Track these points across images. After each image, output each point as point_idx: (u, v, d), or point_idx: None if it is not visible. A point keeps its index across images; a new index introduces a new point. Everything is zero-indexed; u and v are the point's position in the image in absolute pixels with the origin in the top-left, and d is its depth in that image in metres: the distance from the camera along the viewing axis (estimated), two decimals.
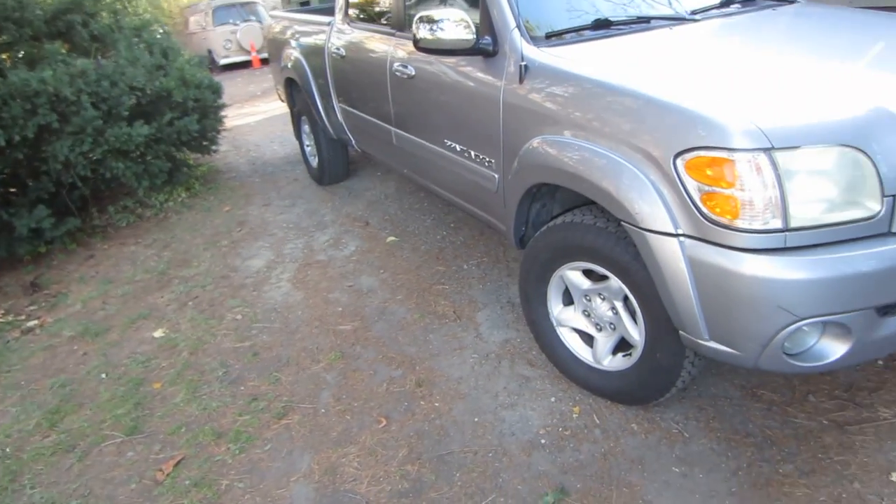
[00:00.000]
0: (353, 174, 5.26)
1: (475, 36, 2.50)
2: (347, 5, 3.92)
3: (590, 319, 2.40)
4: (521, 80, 2.38)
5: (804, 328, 1.73)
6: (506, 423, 2.41)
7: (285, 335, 3.18)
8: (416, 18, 2.61)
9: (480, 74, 2.61)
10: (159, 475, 2.37)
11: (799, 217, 1.69)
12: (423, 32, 2.58)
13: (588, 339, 2.46)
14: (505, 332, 2.96)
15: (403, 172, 3.65)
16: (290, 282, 3.71)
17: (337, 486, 2.23)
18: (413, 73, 3.08)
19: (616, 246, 2.10)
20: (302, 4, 12.93)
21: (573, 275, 2.35)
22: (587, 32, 2.49)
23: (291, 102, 5.24)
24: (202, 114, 4.80)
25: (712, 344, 1.86)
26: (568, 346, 2.50)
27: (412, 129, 3.26)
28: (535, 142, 2.31)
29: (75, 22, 4.20)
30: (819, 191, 1.70)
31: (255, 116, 8.47)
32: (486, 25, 2.54)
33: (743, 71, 2.08)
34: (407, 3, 3.27)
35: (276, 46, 5.26)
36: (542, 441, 2.29)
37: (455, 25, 2.51)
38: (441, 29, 2.55)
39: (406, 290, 3.45)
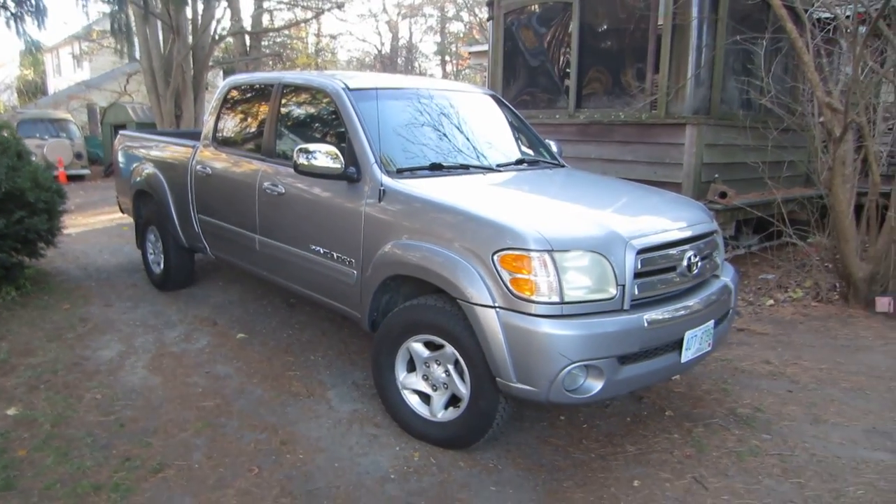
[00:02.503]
0: (195, 283, 5.63)
1: (343, 166, 3.34)
2: (216, 131, 4.59)
3: (428, 382, 3.14)
4: (379, 200, 3.23)
5: (574, 371, 2.64)
6: (361, 465, 2.98)
7: (149, 410, 3.47)
8: (297, 149, 3.40)
9: (345, 194, 3.43)
10: None
11: (569, 295, 2.65)
12: (302, 159, 3.37)
13: (425, 398, 3.18)
14: (353, 404, 3.57)
15: (262, 274, 4.24)
16: (145, 369, 3.98)
17: None
18: (283, 191, 3.82)
19: (450, 320, 2.92)
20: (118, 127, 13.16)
21: (417, 346, 3.11)
22: (426, 171, 3.45)
23: (138, 213, 5.61)
24: (49, 215, 4.99)
25: (519, 385, 2.70)
26: (410, 404, 3.19)
27: (277, 236, 3.93)
28: (390, 245, 3.14)
29: None
30: (580, 279, 2.70)
31: (75, 228, 8.39)
32: (352, 159, 3.40)
33: (531, 204, 3.16)
34: (277, 136, 4.05)
35: (126, 161, 5.68)
36: (392, 476, 2.90)
37: (327, 156, 3.34)
38: (315, 158, 3.36)
39: (260, 375, 3.92)
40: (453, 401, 3.09)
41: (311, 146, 3.37)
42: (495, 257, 2.71)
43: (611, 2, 5.90)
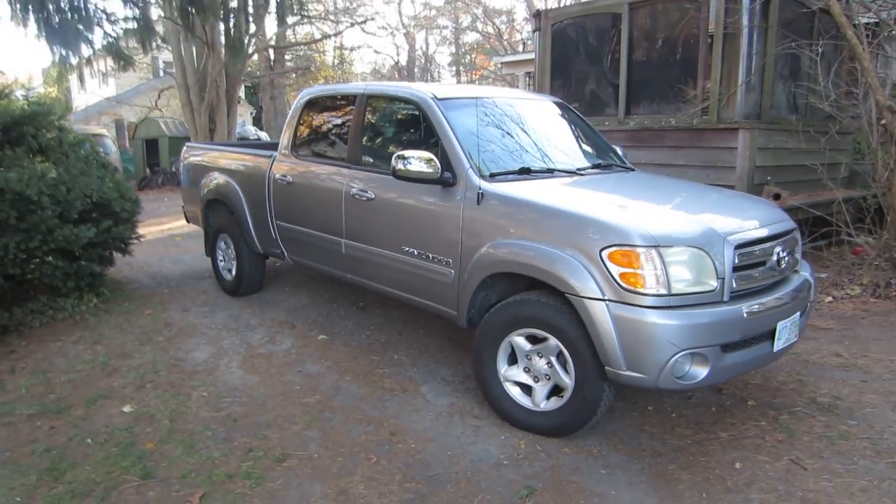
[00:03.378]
0: (264, 288, 5.83)
1: (440, 171, 3.54)
2: (295, 141, 4.80)
3: (529, 373, 3.31)
4: (478, 203, 3.42)
5: (682, 358, 2.81)
6: (472, 453, 3.15)
7: (256, 406, 3.66)
8: (395, 155, 3.60)
9: (440, 198, 3.62)
10: None
11: (675, 288, 2.83)
12: (400, 165, 3.57)
13: (527, 389, 3.35)
14: (448, 398, 3.75)
15: (347, 277, 4.43)
16: (240, 368, 4.17)
17: (352, 502, 2.79)
18: (373, 196, 4.01)
19: (555, 315, 3.10)
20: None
21: (519, 339, 3.29)
22: (515, 175, 3.64)
23: (207, 222, 5.82)
24: (131, 225, 5.22)
25: (628, 372, 2.87)
26: (512, 396, 3.36)
27: (366, 239, 4.12)
28: (491, 245, 3.32)
29: (28, 133, 4.58)
30: (684, 273, 2.87)
31: None
32: (446, 164, 3.59)
33: (627, 204, 3.33)
34: (363, 144, 4.25)
35: (195, 173, 5.91)
36: (505, 462, 3.07)
37: (424, 162, 3.53)
38: (413, 164, 3.55)
39: (351, 373, 4.10)
40: (555, 391, 3.26)
41: (408, 153, 3.57)
42: (604, 253, 2.89)
43: (660, 11, 6.10)
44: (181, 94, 12.86)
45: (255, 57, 17.40)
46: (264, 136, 15.36)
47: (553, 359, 3.19)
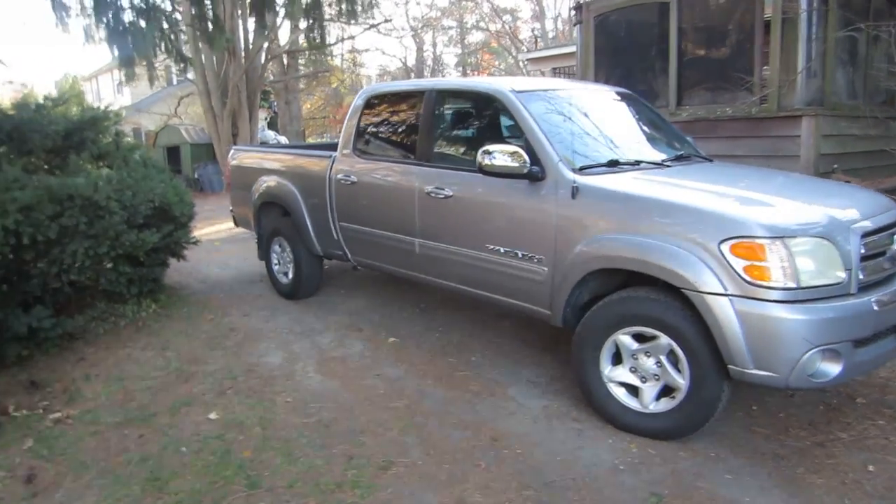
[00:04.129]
0: (318, 292, 5.71)
1: (528, 165, 3.42)
2: (356, 140, 4.68)
3: (636, 374, 3.19)
4: (573, 197, 3.30)
5: (815, 355, 2.68)
6: (583, 458, 3.03)
7: (344, 412, 3.55)
8: (481, 150, 3.48)
9: (527, 193, 3.50)
10: None
11: (803, 281, 2.70)
12: (487, 160, 3.46)
13: (632, 390, 3.23)
14: (539, 400, 3.63)
15: (420, 277, 4.31)
16: (317, 373, 4.07)
17: None
18: (450, 193, 3.90)
19: (667, 311, 2.98)
20: None
21: (625, 338, 3.17)
22: (603, 168, 3.52)
23: (260, 226, 5.72)
24: (187, 229, 5.12)
25: (756, 371, 2.74)
26: (618, 398, 3.24)
27: (443, 238, 4.00)
28: (591, 241, 3.20)
29: (88, 138, 4.49)
30: (812, 265, 2.74)
31: None
32: (533, 158, 3.47)
33: (734, 194, 3.19)
34: (435, 141, 4.13)
35: (245, 176, 5.80)
36: (621, 467, 2.95)
37: (511, 157, 3.42)
38: (498, 159, 3.44)
39: (432, 377, 3.99)
40: (665, 392, 3.14)
41: (493, 147, 3.46)
42: (724, 246, 2.77)
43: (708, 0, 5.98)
44: (202, 100, 12.78)
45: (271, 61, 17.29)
46: (284, 140, 15.26)
47: (663, 358, 3.07)
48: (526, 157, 3.40)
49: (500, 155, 3.41)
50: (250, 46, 12.85)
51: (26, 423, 3.52)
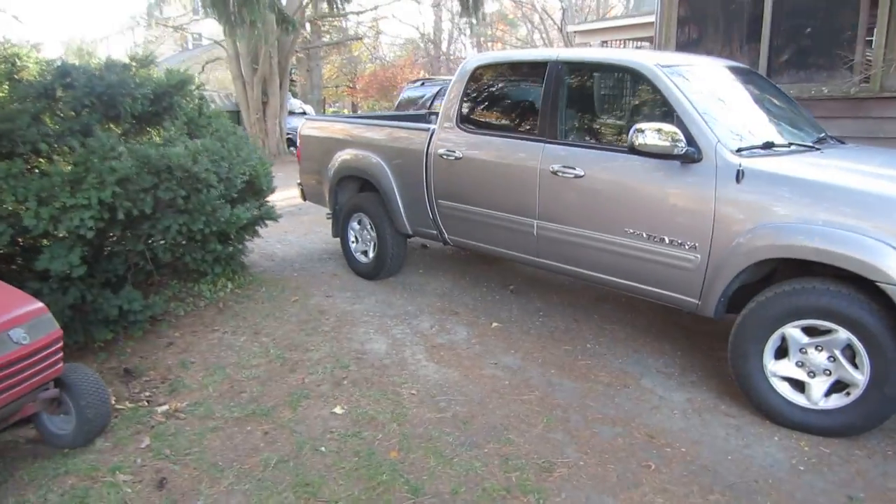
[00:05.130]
0: (398, 273, 5.47)
1: (686, 145, 3.18)
2: (461, 114, 4.41)
3: (803, 368, 3.00)
4: (738, 181, 3.07)
5: None
6: (755, 458, 2.86)
7: (476, 406, 3.35)
8: (633, 128, 3.24)
9: (679, 175, 3.27)
10: None
11: None
12: (640, 139, 3.21)
13: (797, 385, 3.04)
14: (680, 393, 3.44)
15: (537, 261, 4.09)
16: (430, 361, 3.86)
17: None
18: (582, 173, 3.65)
19: (850, 304, 2.78)
20: None
21: (794, 332, 2.97)
22: (760, 150, 3.29)
23: (337, 201, 5.46)
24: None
25: None
26: (781, 393, 3.05)
27: (571, 220, 3.77)
28: (761, 227, 2.98)
29: (176, 103, 4.21)
30: None
31: None
32: (688, 138, 3.23)
33: None
34: (563, 117, 3.87)
35: (320, 147, 5.53)
36: (800, 468, 2.78)
37: (665, 137, 3.18)
38: (650, 138, 3.20)
39: (554, 366, 3.79)
40: (835, 387, 2.95)
41: (647, 125, 3.22)
42: None
43: None
44: (232, 66, 12.38)
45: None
46: (310, 109, 14.88)
47: (838, 352, 2.88)
48: (682, 136, 3.16)
49: (654, 134, 3.17)
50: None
51: (134, 416, 3.31)
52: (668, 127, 3.19)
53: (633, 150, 3.25)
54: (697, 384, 3.54)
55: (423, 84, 10.79)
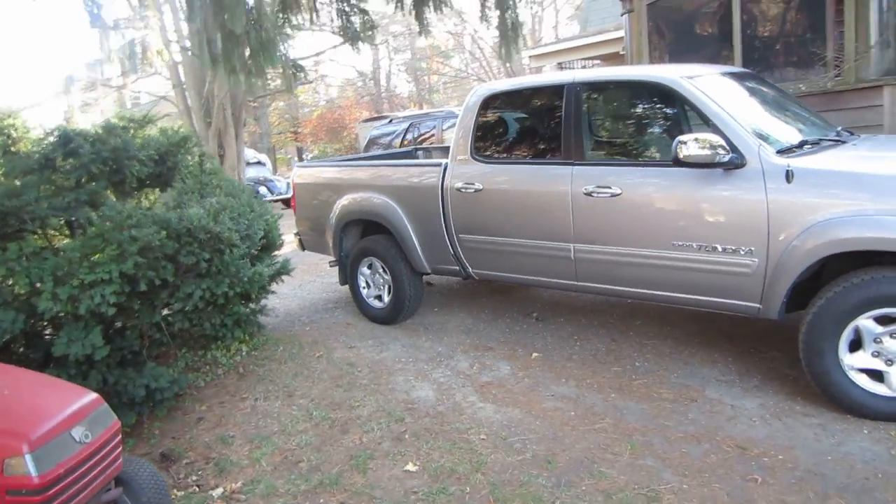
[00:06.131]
0: (413, 315, 5.30)
1: (729, 152, 3.19)
2: (476, 145, 4.33)
3: (879, 357, 3.00)
4: (788, 181, 3.08)
5: None
6: (853, 455, 2.82)
7: (551, 441, 3.22)
8: (678, 139, 3.23)
9: (727, 182, 3.27)
10: None
11: None
12: (685, 151, 3.20)
13: (875, 375, 3.03)
14: (749, 400, 3.40)
15: (575, 285, 4.01)
16: (485, 402, 3.71)
17: None
18: (619, 191, 3.62)
19: None
20: None
21: (867, 322, 2.97)
22: (798, 150, 3.33)
23: (342, 248, 5.29)
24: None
25: None
26: (861, 385, 3.04)
27: (612, 240, 3.71)
28: (820, 224, 2.99)
29: (180, 162, 3.99)
30: None
31: None
32: (729, 146, 3.24)
33: None
34: (588, 138, 3.85)
35: (318, 194, 5.37)
36: None
37: (708, 146, 3.18)
38: (693, 149, 3.20)
39: (612, 389, 3.70)
40: None
41: (689, 137, 3.22)
42: None
43: None
44: (185, 120, 12.03)
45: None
46: (264, 157, 14.61)
47: None
48: (725, 144, 3.17)
49: (696, 144, 3.17)
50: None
51: None
52: (709, 136, 3.19)
53: (678, 161, 3.24)
54: (762, 388, 3.51)
55: (389, 122, 10.73)
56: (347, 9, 8.59)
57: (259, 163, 14.78)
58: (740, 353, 3.96)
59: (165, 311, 4.01)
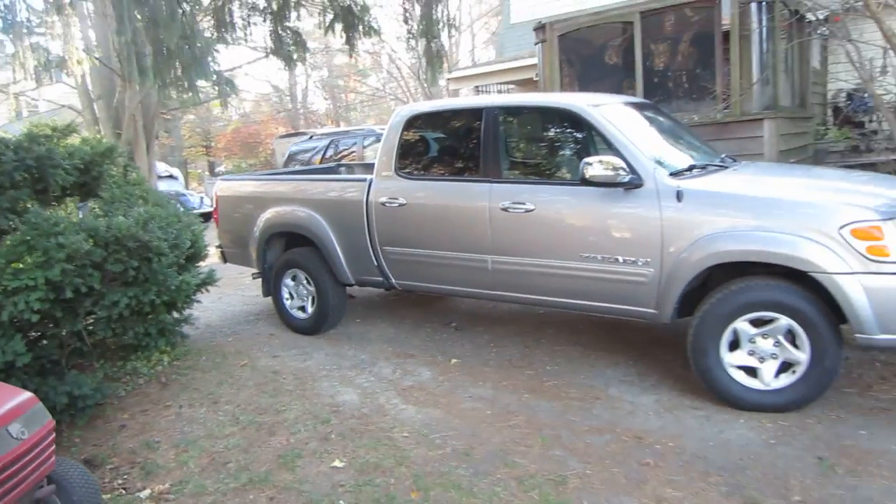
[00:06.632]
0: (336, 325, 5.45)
1: (629, 173, 3.60)
2: (399, 163, 4.59)
3: (754, 356, 3.44)
4: (679, 200, 3.51)
5: None
6: (732, 440, 3.22)
7: (470, 437, 3.46)
8: (584, 161, 3.60)
9: (625, 201, 3.66)
10: None
11: None
12: (590, 172, 3.58)
13: (750, 372, 3.47)
14: (646, 396, 3.78)
15: (491, 294, 4.31)
16: (408, 404, 3.92)
17: None
18: (532, 207, 3.96)
19: (787, 295, 3.27)
20: None
21: (743, 325, 3.41)
22: (687, 172, 3.78)
23: (265, 261, 5.39)
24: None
25: (882, 336, 3.09)
26: (739, 380, 3.47)
27: (525, 252, 4.04)
28: (705, 238, 3.42)
29: (105, 172, 4.00)
30: None
31: None
32: (629, 167, 3.64)
33: (818, 187, 3.57)
34: (504, 158, 4.19)
35: (241, 207, 5.46)
36: (772, 441, 3.18)
37: (610, 168, 3.58)
38: (596, 169, 3.59)
39: (525, 391, 4.00)
40: (782, 368, 3.41)
41: (593, 159, 3.60)
42: (844, 231, 3.10)
43: (672, 17, 6.53)
44: (91, 132, 11.64)
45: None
46: (176, 171, 14.28)
47: (781, 337, 3.35)
48: (625, 166, 3.56)
49: (601, 166, 3.55)
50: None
51: None
52: (612, 159, 3.58)
53: (584, 181, 3.60)
54: (657, 386, 3.90)
55: (310, 138, 10.82)
56: (281, 31, 8.72)
57: (171, 176, 14.43)
58: (640, 357, 4.36)
59: (88, 320, 3.99)
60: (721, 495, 2.80)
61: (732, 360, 3.48)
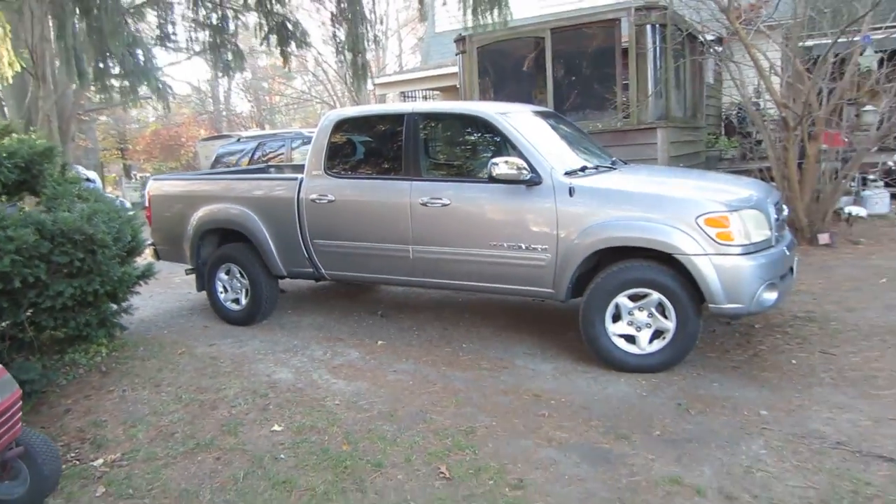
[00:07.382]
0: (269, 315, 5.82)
1: (529, 172, 4.20)
2: (328, 163, 5.04)
3: (632, 326, 4.10)
4: (571, 195, 4.14)
5: (765, 288, 3.81)
6: (614, 395, 3.85)
7: (395, 402, 3.96)
8: (491, 161, 4.18)
9: (526, 196, 4.26)
10: None
11: (752, 238, 3.83)
12: (497, 171, 4.16)
13: (629, 339, 4.13)
14: (546, 364, 4.39)
15: (414, 280, 4.83)
16: (338, 378, 4.38)
17: (560, 445, 3.36)
18: (447, 202, 4.51)
19: (658, 274, 3.95)
20: None
21: (623, 300, 4.07)
22: (580, 172, 4.43)
23: (199, 256, 5.71)
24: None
25: (729, 305, 3.80)
26: (621, 347, 4.13)
27: (442, 242, 4.58)
28: (592, 227, 4.06)
29: (45, 171, 4.26)
30: (755, 227, 3.88)
31: None
32: (530, 167, 4.25)
33: (684, 184, 4.28)
34: (423, 158, 4.72)
35: (174, 205, 5.76)
36: (643, 394, 3.83)
37: (514, 167, 4.17)
38: (503, 169, 4.17)
39: (443, 364, 4.53)
40: (655, 336, 4.09)
41: (499, 159, 4.18)
42: (700, 220, 3.80)
43: (579, 35, 7.26)
44: None
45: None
46: (93, 174, 14.01)
47: (653, 310, 4.02)
48: (527, 166, 4.16)
49: (506, 165, 4.13)
50: (57, 72, 11.75)
51: (74, 474, 3.38)
52: (515, 159, 4.16)
53: (492, 179, 4.18)
54: (556, 356, 4.51)
55: (238, 140, 11.02)
56: (219, 42, 9.07)
57: (88, 179, 14.17)
58: (543, 333, 4.97)
59: (29, 312, 4.23)
60: (599, 434, 3.41)
61: (615, 330, 4.12)
